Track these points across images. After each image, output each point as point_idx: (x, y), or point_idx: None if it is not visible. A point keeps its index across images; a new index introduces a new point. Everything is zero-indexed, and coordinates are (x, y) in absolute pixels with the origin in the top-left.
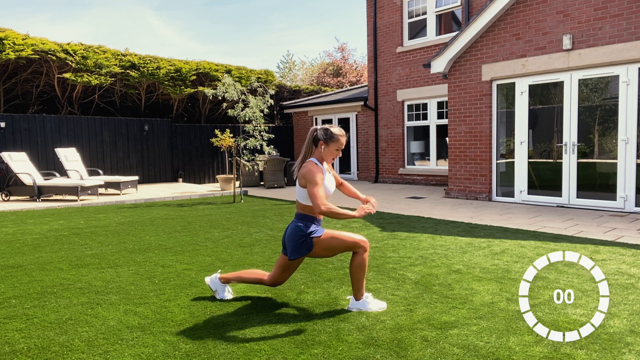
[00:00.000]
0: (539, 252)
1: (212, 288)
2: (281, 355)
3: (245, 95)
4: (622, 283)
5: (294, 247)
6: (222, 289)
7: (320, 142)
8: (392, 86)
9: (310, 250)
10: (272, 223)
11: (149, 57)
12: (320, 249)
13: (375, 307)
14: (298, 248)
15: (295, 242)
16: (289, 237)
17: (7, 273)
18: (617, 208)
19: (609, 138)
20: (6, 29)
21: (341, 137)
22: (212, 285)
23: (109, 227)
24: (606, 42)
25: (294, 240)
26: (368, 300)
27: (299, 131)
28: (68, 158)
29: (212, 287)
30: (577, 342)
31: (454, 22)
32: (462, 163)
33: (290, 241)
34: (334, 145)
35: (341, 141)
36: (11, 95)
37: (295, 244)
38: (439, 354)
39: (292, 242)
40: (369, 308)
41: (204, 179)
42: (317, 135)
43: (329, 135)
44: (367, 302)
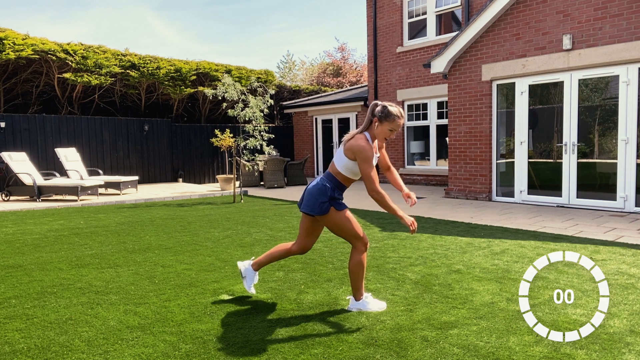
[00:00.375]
0: (539, 252)
1: (243, 274)
2: (281, 355)
3: (245, 95)
4: (622, 283)
5: (312, 203)
6: (251, 277)
7: (375, 119)
8: (392, 86)
9: (323, 214)
10: (272, 223)
11: (149, 57)
12: (331, 220)
13: (375, 307)
14: (313, 205)
15: (315, 199)
16: (310, 191)
17: (7, 273)
18: (617, 208)
19: (609, 138)
20: (6, 29)
21: (398, 118)
22: (244, 271)
23: (109, 227)
24: (606, 42)
25: (315, 196)
26: (368, 301)
27: (299, 131)
28: (68, 158)
29: (243, 273)
30: (577, 342)
31: (454, 22)
32: (462, 163)
33: (311, 196)
34: (387, 125)
35: (397, 122)
36: (11, 95)
37: (315, 201)
38: (439, 354)
39: (312, 198)
40: (368, 308)
41: (204, 179)
42: (374, 111)
43: (385, 113)
44: (366, 302)
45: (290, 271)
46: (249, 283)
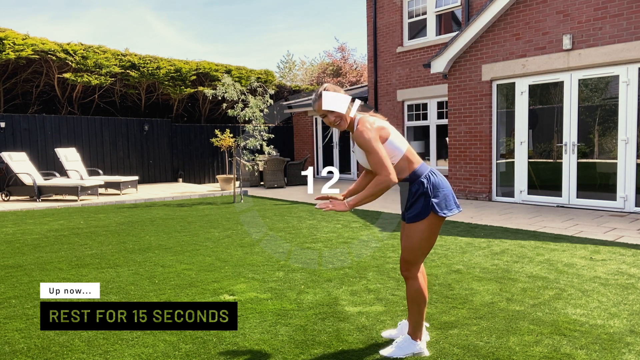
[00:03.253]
0: (539, 252)
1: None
2: (281, 355)
3: (245, 95)
4: (622, 283)
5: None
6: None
7: None
8: (392, 86)
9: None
10: (272, 223)
11: (149, 57)
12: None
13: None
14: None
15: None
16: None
17: (7, 273)
18: (617, 208)
19: (609, 138)
20: (6, 29)
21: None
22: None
23: (109, 227)
24: (606, 42)
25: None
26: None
27: (299, 131)
28: (68, 158)
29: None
30: (577, 342)
31: (454, 22)
32: (462, 163)
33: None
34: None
35: (314, 108)
36: (11, 95)
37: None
38: (439, 354)
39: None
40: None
41: (204, 179)
42: None
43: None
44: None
45: (290, 271)
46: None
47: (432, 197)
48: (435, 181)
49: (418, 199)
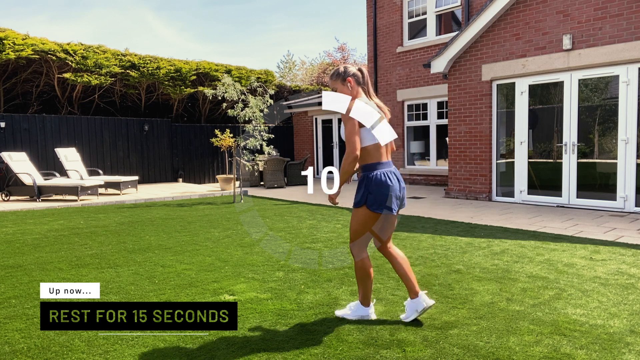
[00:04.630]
0: (539, 252)
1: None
2: (281, 356)
3: (245, 95)
4: (622, 283)
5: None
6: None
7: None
8: (392, 86)
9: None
10: (272, 223)
11: (149, 57)
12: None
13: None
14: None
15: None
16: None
17: (7, 273)
18: (617, 208)
19: (609, 138)
20: (6, 29)
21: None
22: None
23: (109, 227)
24: (606, 42)
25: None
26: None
27: (299, 131)
28: (68, 158)
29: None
30: (577, 342)
31: (454, 22)
32: (462, 163)
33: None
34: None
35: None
36: (11, 95)
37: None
38: (439, 354)
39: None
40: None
41: (204, 179)
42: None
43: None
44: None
45: (290, 271)
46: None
47: (369, 191)
48: (380, 180)
49: (360, 188)
